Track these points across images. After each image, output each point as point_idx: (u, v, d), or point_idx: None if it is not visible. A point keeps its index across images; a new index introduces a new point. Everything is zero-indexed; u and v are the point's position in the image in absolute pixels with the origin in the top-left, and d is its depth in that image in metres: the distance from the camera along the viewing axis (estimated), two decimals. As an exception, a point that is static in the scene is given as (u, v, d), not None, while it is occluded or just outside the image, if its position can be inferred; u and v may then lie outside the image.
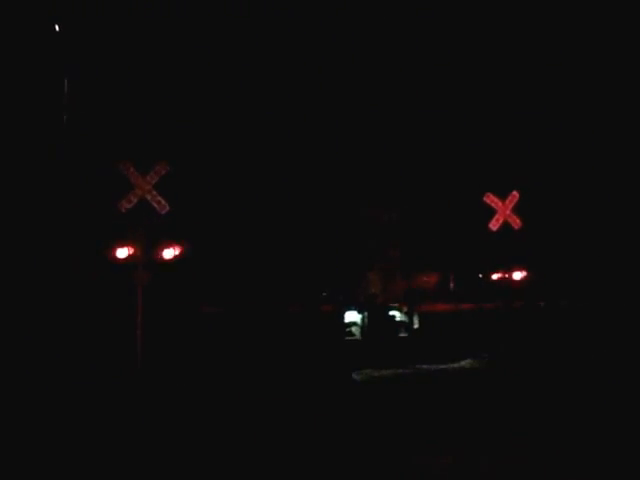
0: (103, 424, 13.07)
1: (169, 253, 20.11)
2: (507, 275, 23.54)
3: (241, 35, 26.31)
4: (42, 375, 17.10)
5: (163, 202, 18.36)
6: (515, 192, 22.80)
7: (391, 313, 25.98)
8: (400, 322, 25.81)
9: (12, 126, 22.80)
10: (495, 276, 25.82)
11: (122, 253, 19.32)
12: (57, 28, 20.26)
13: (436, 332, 24.67)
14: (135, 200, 18.28)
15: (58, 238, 21.56)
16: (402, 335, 25.48)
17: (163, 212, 18.42)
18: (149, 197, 18.30)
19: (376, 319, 25.51)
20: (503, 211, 22.49)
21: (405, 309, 26.01)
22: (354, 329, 25.68)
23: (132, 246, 18.81)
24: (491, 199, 22.66)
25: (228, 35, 26.09)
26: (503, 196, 22.71)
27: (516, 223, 22.44)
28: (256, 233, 26.13)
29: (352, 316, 25.88)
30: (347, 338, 25.21)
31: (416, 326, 25.75)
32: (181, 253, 21.01)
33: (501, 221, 22.41)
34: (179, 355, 19.92)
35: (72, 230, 21.98)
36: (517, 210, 22.59)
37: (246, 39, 26.30)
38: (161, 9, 25.10)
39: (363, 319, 25.58)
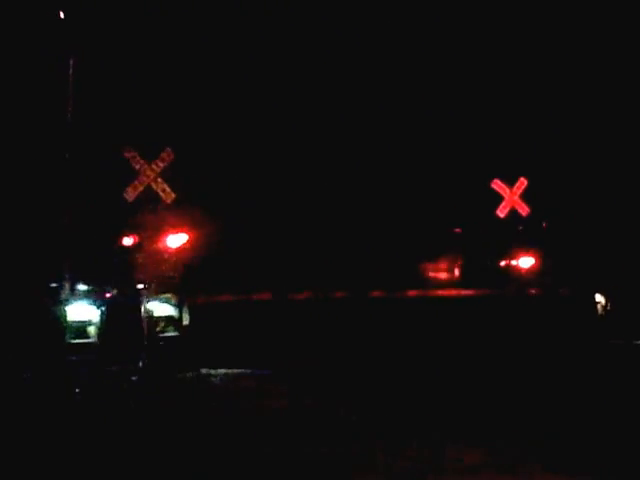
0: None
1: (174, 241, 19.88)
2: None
3: (246, 24, 26.24)
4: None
5: (169, 190, 18.33)
6: (523, 178, 22.71)
7: (152, 306, 20.57)
8: (166, 318, 20.77)
9: (16, 113, 22.78)
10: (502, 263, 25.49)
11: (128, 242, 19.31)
12: (62, 15, 20.17)
13: (217, 330, 20.37)
14: (141, 188, 18.26)
15: (62, 227, 21.52)
16: (169, 335, 20.60)
17: (169, 200, 18.41)
18: (155, 185, 18.28)
19: (119, 315, 20.20)
20: (511, 198, 22.43)
21: (175, 301, 21.28)
22: (91, 329, 20.37)
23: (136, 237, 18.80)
24: (499, 185, 22.58)
25: (233, 24, 26.02)
26: (511, 183, 22.65)
27: (524, 210, 22.37)
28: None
29: (88, 312, 20.63)
30: (76, 341, 19.79)
31: (185, 322, 21.08)
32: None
33: (508, 208, 22.36)
34: None
35: (77, 219, 21.94)
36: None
37: (250, 29, 26.23)
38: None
39: (101, 315, 20.32)
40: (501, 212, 22.45)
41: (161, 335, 20.27)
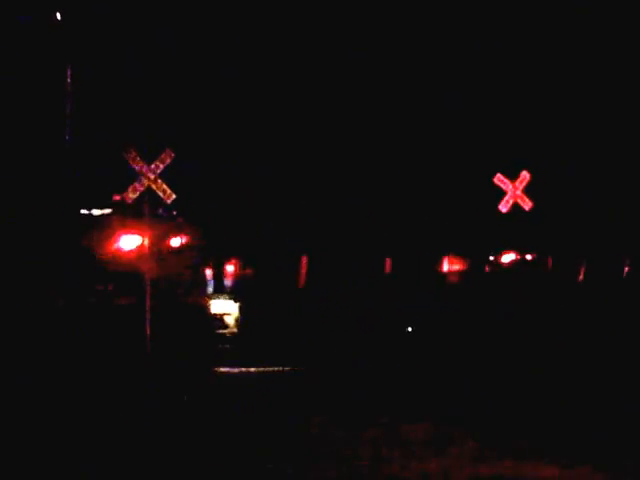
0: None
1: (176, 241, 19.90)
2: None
3: (243, 25, 26.21)
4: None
5: (169, 191, 18.24)
6: (525, 172, 22.54)
7: None
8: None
9: (15, 117, 22.78)
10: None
11: (128, 242, 19.25)
12: (59, 17, 20.18)
13: None
14: (141, 189, 18.17)
15: (63, 228, 21.51)
16: None
17: (169, 201, 18.34)
18: (154, 186, 18.17)
19: None
20: (513, 192, 22.25)
21: None
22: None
23: (139, 235, 18.74)
24: (501, 180, 22.42)
25: (230, 26, 26.00)
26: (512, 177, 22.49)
27: (527, 204, 22.20)
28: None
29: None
30: None
31: None
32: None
33: (511, 202, 22.18)
34: None
35: (77, 219, 21.95)
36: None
37: (248, 29, 26.19)
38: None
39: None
40: (504, 207, 22.30)
41: None
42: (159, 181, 18.23)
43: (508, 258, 24.38)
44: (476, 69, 28.15)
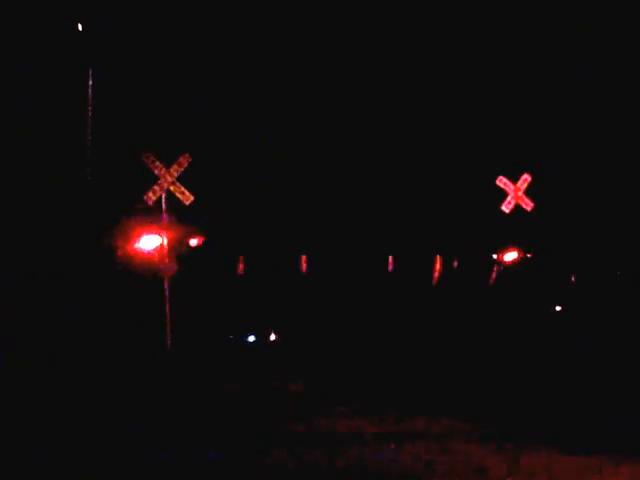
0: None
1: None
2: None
3: (257, 27, 26.72)
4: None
5: (187, 193, 18.96)
6: (527, 174, 23.21)
7: None
8: None
9: (36, 121, 23.35)
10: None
11: (148, 243, 19.97)
12: (80, 27, 20.87)
13: None
14: (160, 192, 18.91)
15: (83, 231, 22.03)
16: None
17: (187, 203, 19.02)
18: (173, 189, 18.91)
19: None
20: (515, 194, 22.93)
21: None
22: None
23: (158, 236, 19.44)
24: (503, 182, 23.08)
25: (244, 29, 26.53)
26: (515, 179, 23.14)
27: (528, 205, 22.88)
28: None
29: None
30: None
31: None
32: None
33: (513, 203, 22.87)
34: None
35: (97, 222, 22.48)
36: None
37: (261, 33, 26.70)
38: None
39: None
40: (506, 208, 22.98)
41: None
42: (177, 184, 19.00)
43: (510, 257, 24.91)
44: (478, 72, 28.57)
